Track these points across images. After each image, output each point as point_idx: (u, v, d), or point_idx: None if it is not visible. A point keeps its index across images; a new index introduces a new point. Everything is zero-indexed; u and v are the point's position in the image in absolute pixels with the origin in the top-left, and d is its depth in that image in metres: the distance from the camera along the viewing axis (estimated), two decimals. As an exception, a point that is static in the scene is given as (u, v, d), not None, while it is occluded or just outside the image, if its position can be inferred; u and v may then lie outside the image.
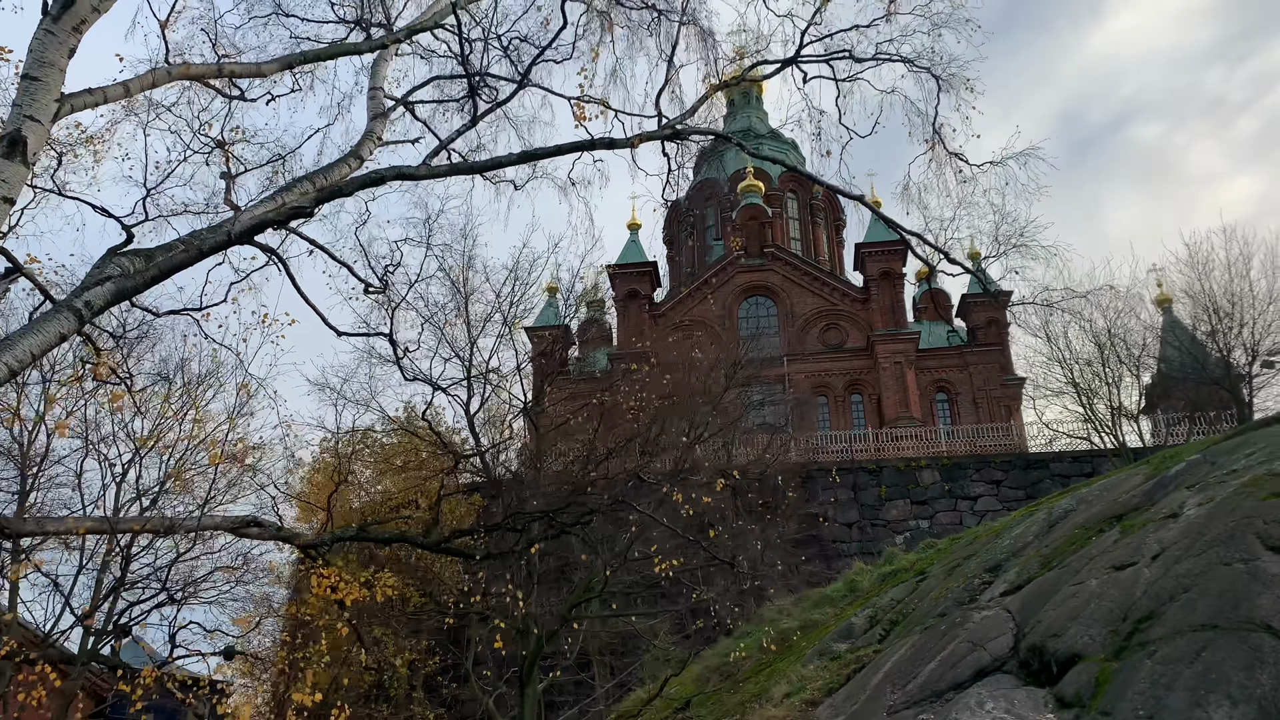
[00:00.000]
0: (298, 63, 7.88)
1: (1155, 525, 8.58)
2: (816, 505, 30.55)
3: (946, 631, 10.34)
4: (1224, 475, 8.93)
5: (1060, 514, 13.11)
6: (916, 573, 15.73)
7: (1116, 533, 9.25)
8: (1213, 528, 7.36)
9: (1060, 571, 9.30)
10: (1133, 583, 7.61)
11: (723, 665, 16.75)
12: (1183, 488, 9.52)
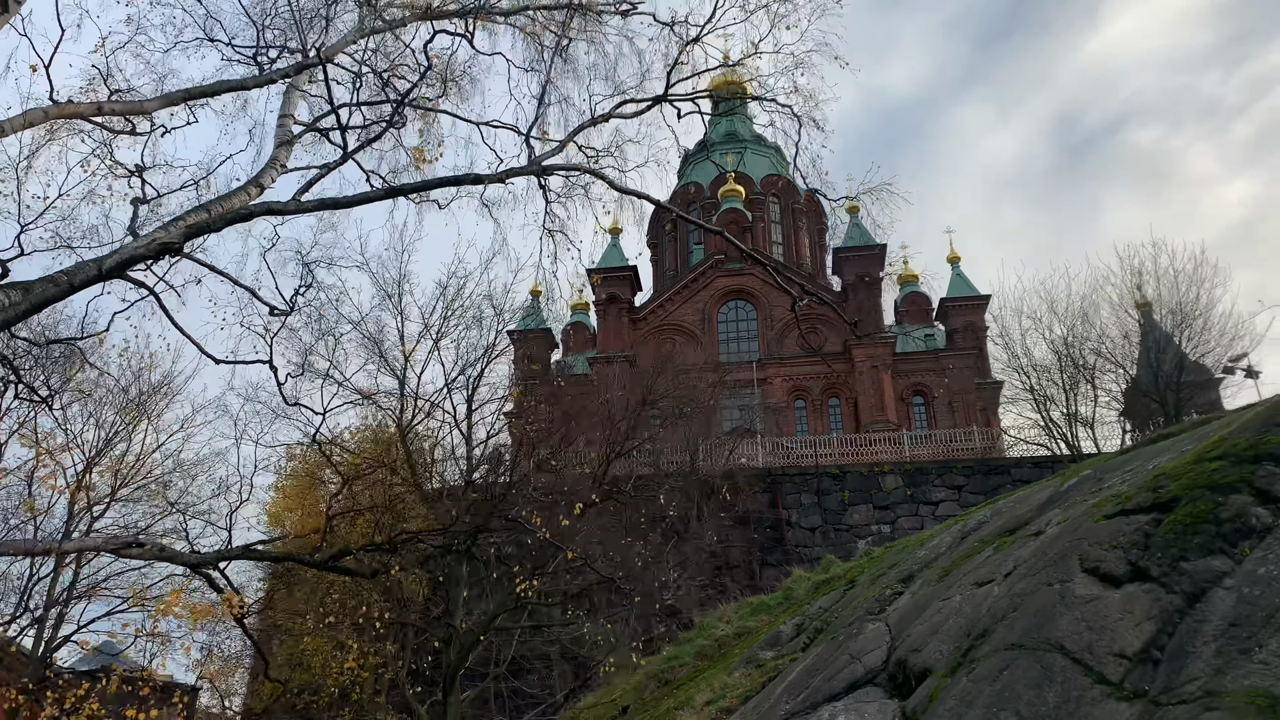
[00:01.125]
0: (180, 99, 8.18)
1: (1020, 543, 8.89)
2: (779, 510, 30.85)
3: (843, 643, 10.63)
4: (1092, 493, 9.22)
5: (974, 525, 13.37)
6: (847, 581, 16.00)
7: (992, 549, 9.56)
8: (1054, 548, 7.65)
9: (937, 587, 9.61)
10: (983, 600, 7.92)
11: (662, 672, 17.04)
12: (1060, 505, 9.82)
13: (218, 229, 7.51)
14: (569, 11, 9.49)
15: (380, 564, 8.40)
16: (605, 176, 8.29)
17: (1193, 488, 6.62)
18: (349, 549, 8.02)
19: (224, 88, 8.35)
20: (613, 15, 10.71)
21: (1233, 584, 5.60)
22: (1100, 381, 26.50)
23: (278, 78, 8.43)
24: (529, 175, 8.14)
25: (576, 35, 10.60)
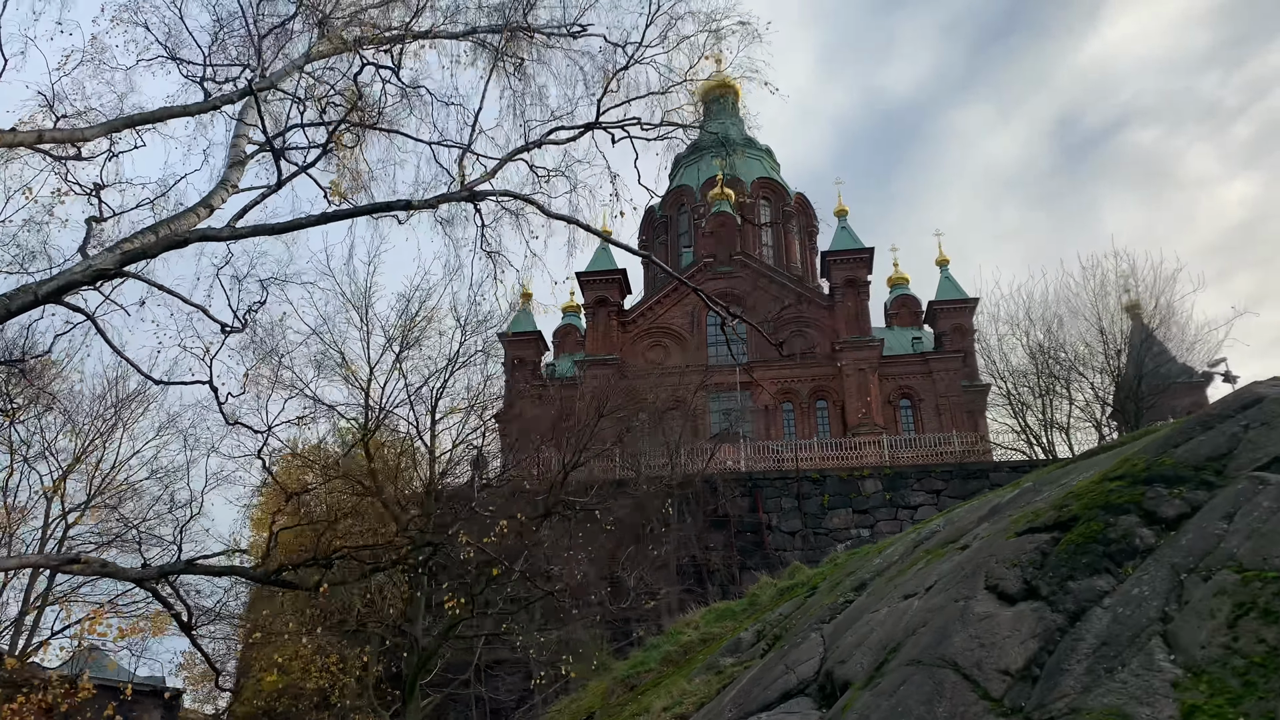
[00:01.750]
0: (123, 126, 8.39)
1: (949, 556, 9.11)
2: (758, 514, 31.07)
3: (786, 652, 10.86)
4: (1025, 505, 9.44)
5: (927, 535, 13.59)
6: (809, 588, 16.22)
7: (923, 562, 9.78)
8: (969, 564, 7.87)
9: (870, 598, 9.82)
10: (904, 614, 8.13)
11: (628, 677, 17.27)
12: (994, 518, 10.04)
13: (154, 254, 7.72)
14: (509, 35, 9.70)
15: (322, 577, 8.62)
16: (535, 202, 8.48)
17: (1090, 507, 6.84)
18: (286, 564, 8.25)
19: (168, 114, 8.56)
20: (563, 37, 10.93)
21: (1110, 603, 5.81)
22: (1080, 386, 26.73)
23: (220, 104, 8.66)
24: (459, 201, 8.39)
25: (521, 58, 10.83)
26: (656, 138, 8.96)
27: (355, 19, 10.33)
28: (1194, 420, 7.25)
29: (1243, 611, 4.83)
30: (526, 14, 10.70)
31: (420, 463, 16.25)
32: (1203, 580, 5.31)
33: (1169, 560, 5.73)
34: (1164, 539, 6.06)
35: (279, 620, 23.52)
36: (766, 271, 55.01)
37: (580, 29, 10.98)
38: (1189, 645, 4.94)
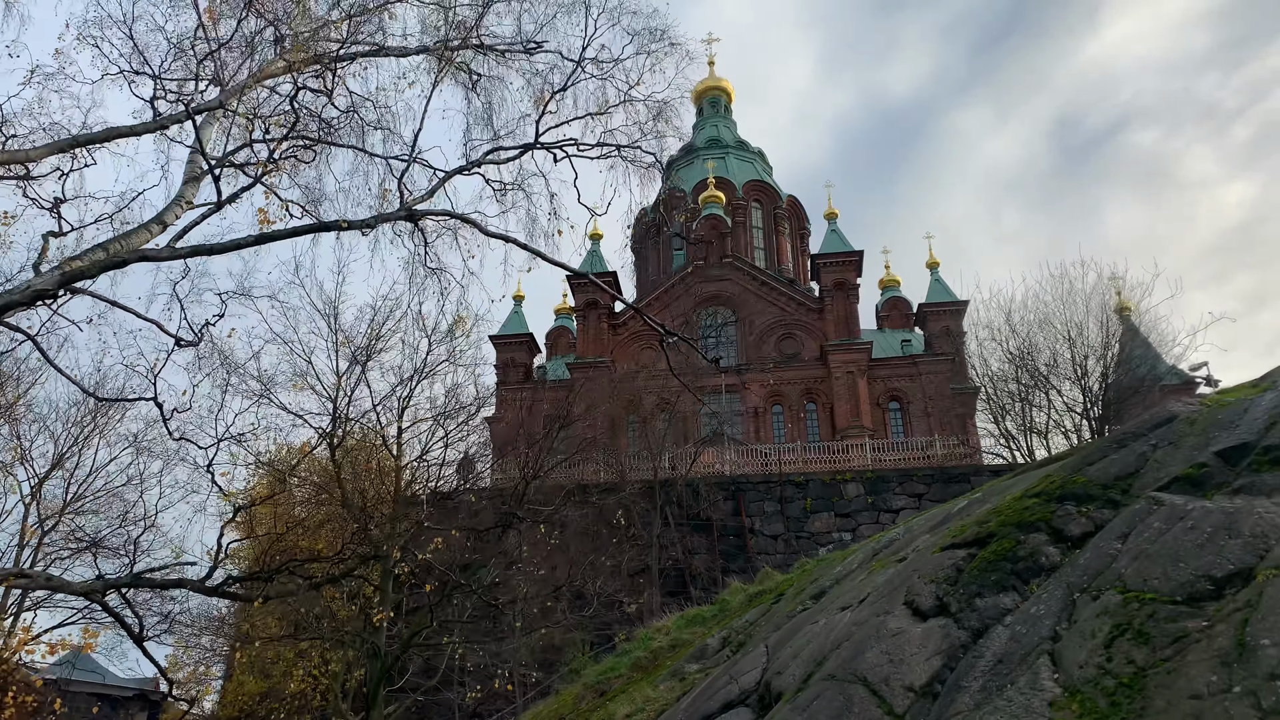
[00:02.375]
0: (69, 146, 8.53)
1: (884, 569, 9.24)
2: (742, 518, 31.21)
3: (736, 662, 10.99)
4: (963, 518, 9.56)
5: (885, 544, 13.71)
6: (776, 594, 16.36)
7: (866, 573, 9.91)
8: (898, 578, 8.01)
9: (813, 610, 9.95)
10: (836, 626, 8.26)
11: (599, 683, 17.39)
12: (939, 529, 10.17)
13: (94, 275, 7.87)
14: (459, 49, 9.83)
15: (264, 590, 8.76)
16: (473, 222, 8.60)
17: (1005, 524, 6.97)
18: (234, 576, 8.39)
19: (115, 134, 8.69)
20: (519, 54, 11.06)
21: (1011, 621, 5.95)
22: (1058, 391, 26.86)
23: (169, 124, 8.79)
24: (399, 220, 8.52)
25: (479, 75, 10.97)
26: (599, 156, 9.10)
27: (313, 37, 10.48)
28: (1111, 438, 7.38)
29: (1119, 632, 4.96)
30: (479, 30, 10.86)
31: (387, 474, 16.37)
32: (1091, 600, 5.45)
33: (1066, 579, 5.86)
34: (1068, 558, 6.20)
35: (263, 625, 23.69)
36: (757, 274, 55.17)
37: (535, 45, 11.13)
38: (1070, 665, 5.08)
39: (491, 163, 8.98)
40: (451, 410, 18.08)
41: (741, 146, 68.83)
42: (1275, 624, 4.29)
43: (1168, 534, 5.46)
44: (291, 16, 11.08)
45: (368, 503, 15.17)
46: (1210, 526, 5.22)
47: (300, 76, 9.01)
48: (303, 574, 8.81)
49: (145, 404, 30.55)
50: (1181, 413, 6.98)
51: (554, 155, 9.02)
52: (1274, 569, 4.64)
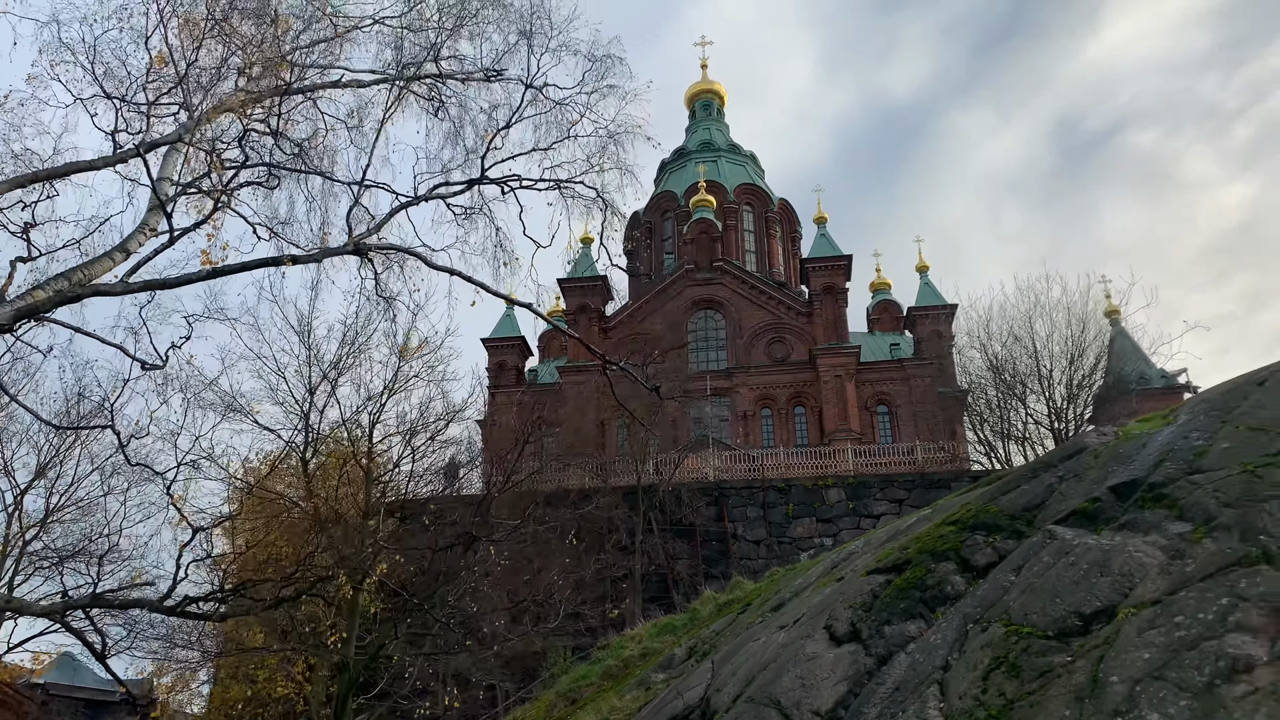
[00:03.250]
0: (28, 181, 8.81)
1: (824, 588, 9.51)
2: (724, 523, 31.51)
3: (687, 676, 11.29)
4: (902, 536, 9.83)
5: (845, 556, 13.97)
6: (744, 604, 16.65)
7: (809, 590, 10.18)
8: (828, 600, 8.28)
9: (757, 628, 10.23)
10: (768, 647, 8.55)
11: (570, 691, 17.70)
12: (886, 544, 10.44)
13: (48, 309, 8.14)
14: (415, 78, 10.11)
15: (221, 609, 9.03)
16: (419, 255, 8.86)
17: (921, 552, 7.25)
18: (191, 597, 8.67)
19: (73, 169, 8.97)
20: (479, 81, 11.33)
21: (913, 649, 6.23)
22: (1026, 401, 27.15)
23: (127, 158, 9.08)
24: (346, 255, 8.80)
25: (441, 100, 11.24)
26: (547, 188, 9.37)
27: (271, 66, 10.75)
28: (1027, 467, 7.66)
29: (996, 665, 5.24)
30: (438, 58, 11.14)
31: (358, 488, 16.67)
32: (981, 631, 5.73)
33: (964, 609, 6.14)
34: (972, 587, 6.48)
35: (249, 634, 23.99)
36: (747, 278, 55.39)
37: (496, 73, 11.40)
38: (953, 695, 5.36)
39: (438, 197, 9.27)
40: (418, 426, 18.35)
41: (734, 150, 69.00)
42: (1126, 661, 4.57)
43: (1052, 569, 5.74)
44: (260, 40, 11.37)
45: (340, 516, 15.45)
46: (1087, 563, 5.50)
47: (248, 119, 9.27)
48: (254, 596, 9.08)
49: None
50: (1091, 444, 7.26)
51: (501, 189, 9.30)
52: (1134, 608, 4.93)
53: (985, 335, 28.59)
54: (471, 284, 8.36)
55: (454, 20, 11.78)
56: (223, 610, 8.98)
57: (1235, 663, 4.12)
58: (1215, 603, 4.50)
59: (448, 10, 11.98)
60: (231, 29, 11.00)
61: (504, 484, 18.37)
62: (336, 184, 10.25)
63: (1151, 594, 4.92)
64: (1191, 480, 5.67)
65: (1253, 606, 4.35)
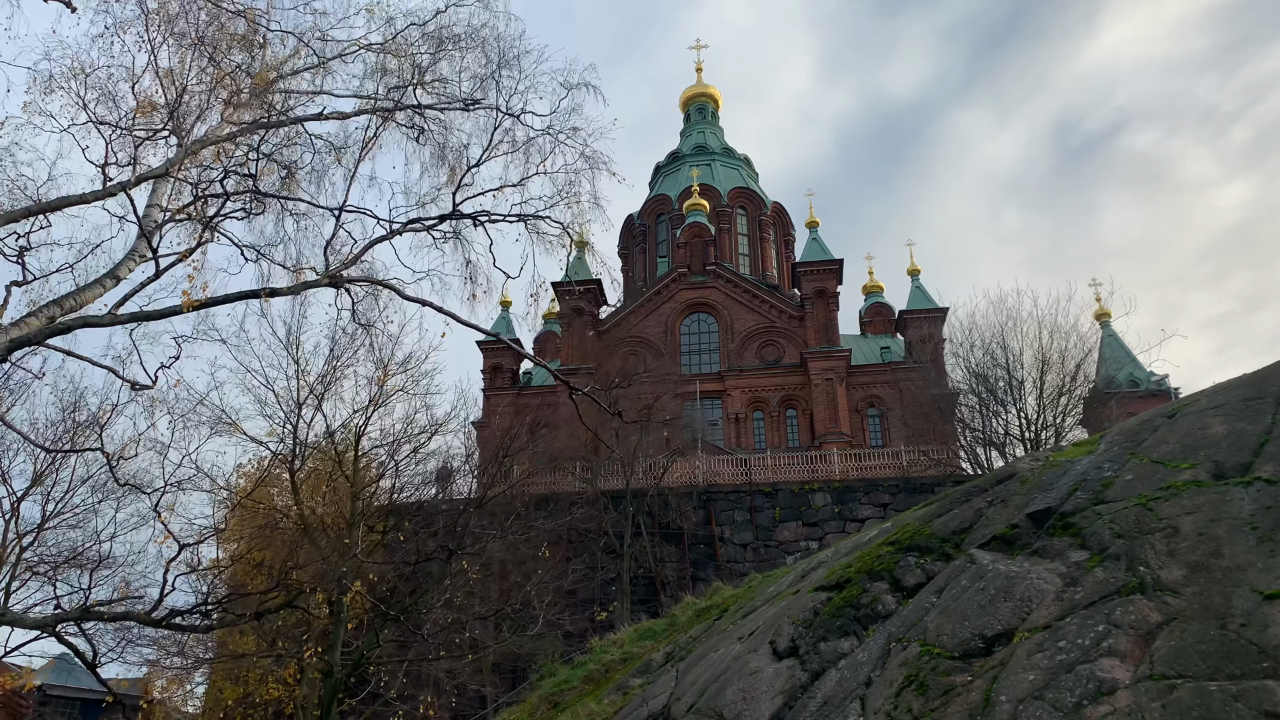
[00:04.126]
0: (21, 216, 9.24)
1: (782, 600, 9.96)
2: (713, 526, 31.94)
3: (654, 683, 11.74)
4: (860, 549, 10.27)
5: (814, 565, 14.43)
6: (721, 610, 17.10)
7: (766, 602, 10.63)
8: (779, 614, 8.73)
9: (718, 639, 10.68)
10: (723, 659, 9.00)
11: (554, 694, 18.14)
12: (846, 556, 10.89)
13: (41, 341, 8.58)
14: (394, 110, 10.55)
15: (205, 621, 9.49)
16: (392, 286, 9.33)
17: (860, 571, 7.71)
18: (177, 610, 9.14)
19: (65, 203, 9.40)
20: (459, 111, 11.78)
21: (843, 665, 6.68)
22: (999, 413, 27.65)
23: (116, 191, 9.51)
24: (323, 287, 9.25)
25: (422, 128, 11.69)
26: (515, 222, 9.82)
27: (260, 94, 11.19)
28: (961, 491, 8.11)
29: (908, 683, 5.69)
30: (422, 82, 11.60)
31: (343, 499, 17.12)
32: (902, 649, 6.18)
33: (890, 628, 6.60)
34: (901, 607, 6.93)
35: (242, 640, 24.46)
36: (740, 281, 55.84)
37: (473, 102, 11.85)
38: (870, 710, 5.81)
39: (412, 229, 9.71)
40: (402, 439, 18.82)
41: (728, 153, 69.46)
42: (1014, 682, 5.02)
43: (967, 592, 6.19)
44: (247, 65, 11.83)
45: (325, 527, 15.91)
46: (995, 588, 5.95)
47: (230, 158, 9.71)
48: (235, 610, 9.53)
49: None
50: (1021, 470, 7.71)
51: (473, 222, 9.73)
52: (1028, 632, 5.38)
53: (967, 344, 29.07)
54: (443, 314, 8.80)
55: (432, 50, 12.27)
56: (207, 622, 9.41)
57: (1101, 685, 4.57)
58: (1094, 629, 4.95)
59: (428, 38, 12.48)
60: (220, 53, 11.48)
61: (480, 500, 18.81)
62: (318, 209, 10.73)
63: (1044, 619, 5.37)
64: (1095, 510, 6.12)
65: (1123, 633, 4.81)
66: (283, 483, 17.55)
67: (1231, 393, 6.53)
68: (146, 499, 10.14)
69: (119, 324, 8.53)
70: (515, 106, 11.56)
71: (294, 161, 11.35)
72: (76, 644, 9.78)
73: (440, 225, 9.64)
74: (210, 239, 9.08)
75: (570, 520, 28.53)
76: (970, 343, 29.08)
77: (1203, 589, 4.80)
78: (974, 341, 28.67)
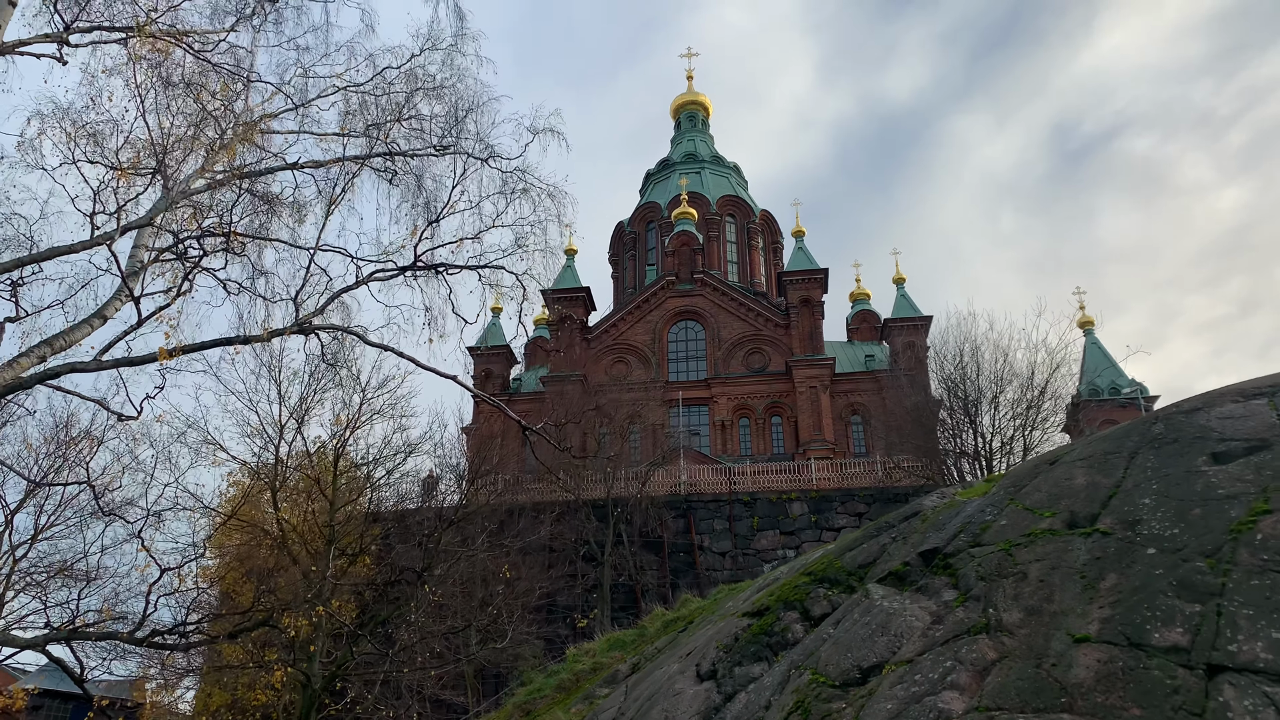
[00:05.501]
0: (13, 267, 9.95)
1: (723, 621, 10.68)
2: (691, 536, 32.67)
3: (606, 699, 12.48)
4: (806, 568, 11.00)
5: (770, 580, 15.18)
6: (687, 622, 17.85)
7: (715, 617, 11.36)
8: (713, 636, 9.46)
9: (664, 657, 11.41)
10: (662, 677, 9.73)
11: (527, 702, 18.90)
12: (791, 573, 11.61)
13: (30, 386, 9.28)
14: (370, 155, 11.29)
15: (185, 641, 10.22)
16: (358, 334, 10.06)
17: (779, 600, 8.45)
18: (158, 629, 9.84)
19: (55, 253, 10.11)
20: (436, 156, 12.54)
21: (751, 689, 7.42)
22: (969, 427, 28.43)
23: (104, 241, 10.21)
24: (294, 335, 9.97)
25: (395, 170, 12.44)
26: (472, 271, 10.57)
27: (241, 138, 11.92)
28: (873, 526, 8.85)
29: (796, 707, 6.43)
30: (393, 126, 12.36)
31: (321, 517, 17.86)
32: (798, 676, 6.92)
33: (793, 656, 7.34)
34: (807, 635, 7.67)
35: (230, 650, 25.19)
36: (727, 289, 56.63)
37: (444, 147, 12.61)
38: (764, 732, 6.54)
39: (376, 280, 10.44)
40: (378, 460, 19.57)
41: (717, 161, 70.25)
42: (875, 711, 5.76)
43: (857, 624, 6.94)
44: (229, 106, 12.56)
45: (305, 543, 16.65)
46: (877, 623, 6.69)
47: (207, 213, 10.45)
48: (212, 631, 10.24)
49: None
50: (925, 508, 8.45)
51: (435, 270, 10.47)
52: (895, 665, 6.12)
53: (939, 359, 29.85)
54: (403, 358, 9.54)
55: (409, 89, 13.04)
56: (186, 641, 10.14)
57: (940, 715, 5.31)
58: (943, 664, 5.70)
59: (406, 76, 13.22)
60: (202, 98, 12.22)
61: (455, 519, 19.56)
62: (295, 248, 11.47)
63: (909, 653, 6.11)
64: (970, 553, 6.86)
65: (965, 669, 5.55)
66: (264, 502, 18.29)
67: (1098, 445, 7.28)
68: (130, 527, 10.82)
69: (104, 369, 9.25)
70: (483, 151, 12.34)
71: (274, 195, 12.10)
72: (65, 660, 10.47)
73: (402, 274, 10.36)
74: (189, 290, 9.79)
75: (552, 529, 29.27)
76: (941, 357, 29.88)
77: (1032, 631, 5.54)
78: (944, 357, 29.48)
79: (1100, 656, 5.04)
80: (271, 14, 13.35)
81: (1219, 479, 5.98)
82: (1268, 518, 5.40)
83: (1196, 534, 5.57)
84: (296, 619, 13.84)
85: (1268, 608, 4.81)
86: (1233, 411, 6.76)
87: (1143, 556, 5.63)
